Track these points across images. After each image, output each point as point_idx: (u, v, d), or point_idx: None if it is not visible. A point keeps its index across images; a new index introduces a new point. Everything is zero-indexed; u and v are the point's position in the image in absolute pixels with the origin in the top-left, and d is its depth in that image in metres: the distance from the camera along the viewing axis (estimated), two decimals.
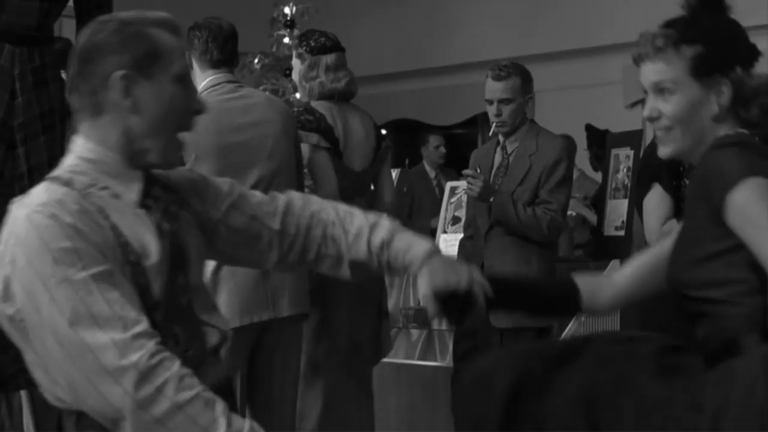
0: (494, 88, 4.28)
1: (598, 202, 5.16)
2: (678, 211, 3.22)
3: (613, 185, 4.60)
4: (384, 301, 4.20)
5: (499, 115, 4.28)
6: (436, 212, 5.79)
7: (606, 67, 8.79)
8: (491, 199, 4.20)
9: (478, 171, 4.26)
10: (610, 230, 4.59)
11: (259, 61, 8.97)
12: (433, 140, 8.17)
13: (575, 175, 5.01)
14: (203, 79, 3.58)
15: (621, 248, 4.48)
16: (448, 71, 9.89)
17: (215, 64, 3.59)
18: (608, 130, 7.12)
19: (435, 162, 8.11)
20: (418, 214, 7.54)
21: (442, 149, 8.17)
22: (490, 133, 4.38)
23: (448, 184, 5.74)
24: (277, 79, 8.98)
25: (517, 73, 4.28)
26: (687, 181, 3.21)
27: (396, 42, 10.17)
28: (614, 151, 4.65)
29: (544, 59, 8.62)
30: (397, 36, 10.16)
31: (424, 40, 9.99)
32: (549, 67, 8.47)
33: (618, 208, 4.52)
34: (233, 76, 3.62)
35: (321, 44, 4.08)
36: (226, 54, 3.60)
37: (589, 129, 7.37)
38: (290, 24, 8.98)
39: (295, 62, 4.17)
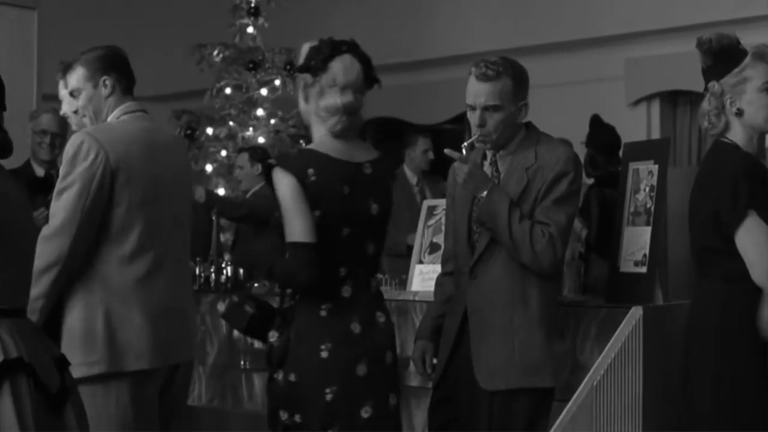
0: (478, 91, 3.44)
1: (606, 228, 4.22)
2: None
3: (632, 209, 3.69)
4: None
5: (482, 125, 3.45)
6: (417, 226, 4.90)
7: (607, 61, 8.74)
8: (483, 193, 3.41)
9: (464, 153, 3.49)
10: (627, 266, 3.63)
11: (219, 53, 8.81)
12: (422, 143, 7.24)
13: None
14: (120, 104, 3.54)
15: (642, 289, 3.59)
16: (432, 65, 9.64)
17: (130, 91, 3.60)
18: (614, 129, 6.34)
19: (419, 167, 7.17)
20: (395, 228, 6.68)
21: (431, 154, 7.21)
22: (465, 144, 3.52)
23: (425, 204, 4.89)
24: (240, 73, 8.89)
25: (509, 74, 3.43)
26: None
27: (376, 33, 9.95)
28: (633, 166, 3.74)
29: (538, 52, 8.46)
30: (376, 27, 9.93)
31: (406, 31, 9.91)
32: (543, 61, 8.18)
33: (638, 238, 3.60)
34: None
35: None
36: (133, 82, 3.64)
37: (595, 123, 6.43)
38: (254, 12, 8.89)
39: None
